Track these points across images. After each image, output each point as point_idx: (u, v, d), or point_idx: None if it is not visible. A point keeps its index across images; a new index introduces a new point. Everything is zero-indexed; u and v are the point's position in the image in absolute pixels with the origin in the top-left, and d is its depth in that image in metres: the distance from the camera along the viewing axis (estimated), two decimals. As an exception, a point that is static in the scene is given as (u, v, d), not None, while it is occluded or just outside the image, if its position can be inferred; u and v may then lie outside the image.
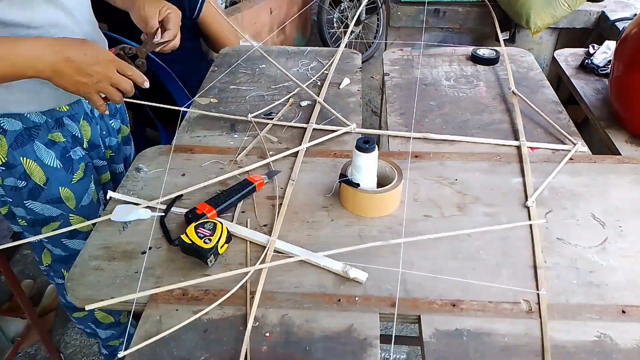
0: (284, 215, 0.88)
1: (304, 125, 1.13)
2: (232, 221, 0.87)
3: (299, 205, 0.91)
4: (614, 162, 1.01)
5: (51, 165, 1.01)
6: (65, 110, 1.02)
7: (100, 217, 0.90)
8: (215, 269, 0.79)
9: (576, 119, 1.17)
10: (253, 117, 1.16)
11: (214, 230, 0.80)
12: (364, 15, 3.52)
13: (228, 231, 0.82)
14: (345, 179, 0.88)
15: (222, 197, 0.89)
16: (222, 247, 0.80)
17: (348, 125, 1.10)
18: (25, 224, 1.08)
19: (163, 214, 0.89)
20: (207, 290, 0.75)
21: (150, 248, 0.83)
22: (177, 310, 0.73)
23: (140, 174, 0.99)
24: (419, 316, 0.71)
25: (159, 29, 0.99)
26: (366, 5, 3.49)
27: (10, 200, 1.03)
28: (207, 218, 0.85)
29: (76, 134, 1.06)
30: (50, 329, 1.80)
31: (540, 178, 0.96)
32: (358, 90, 1.29)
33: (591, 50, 1.41)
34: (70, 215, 1.08)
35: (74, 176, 1.06)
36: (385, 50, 1.53)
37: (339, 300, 0.73)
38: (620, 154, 1.05)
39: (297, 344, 0.68)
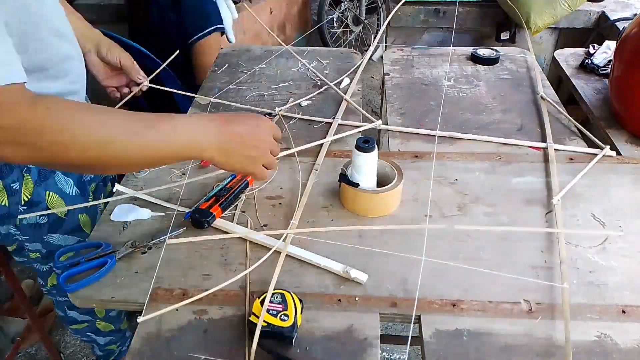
0: (284, 215, 0.88)
1: (330, 120, 1.15)
2: (232, 221, 0.87)
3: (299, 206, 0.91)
4: (614, 162, 1.01)
5: (70, 193, 0.99)
6: None
7: (100, 216, 0.90)
8: (216, 268, 0.79)
9: (576, 119, 1.17)
10: (279, 110, 1.18)
11: (284, 302, 0.69)
12: (364, 15, 3.52)
13: (299, 298, 0.71)
14: (345, 179, 0.88)
15: (221, 194, 0.89)
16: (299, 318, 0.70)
17: (373, 122, 1.11)
18: (38, 256, 1.06)
19: (163, 214, 0.89)
20: (207, 290, 0.75)
21: (150, 248, 0.83)
22: (177, 310, 0.73)
23: (140, 174, 0.99)
24: (419, 316, 0.71)
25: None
26: (366, 5, 3.49)
27: (27, 237, 1.00)
28: (214, 216, 0.85)
29: None
30: (50, 329, 1.80)
31: (540, 178, 0.96)
32: (358, 90, 1.29)
33: (591, 50, 1.41)
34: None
35: (89, 199, 1.03)
36: (385, 50, 1.53)
37: (339, 300, 0.73)
38: (620, 154, 1.05)
39: (297, 344, 0.68)
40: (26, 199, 0.93)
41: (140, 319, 0.68)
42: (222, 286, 0.72)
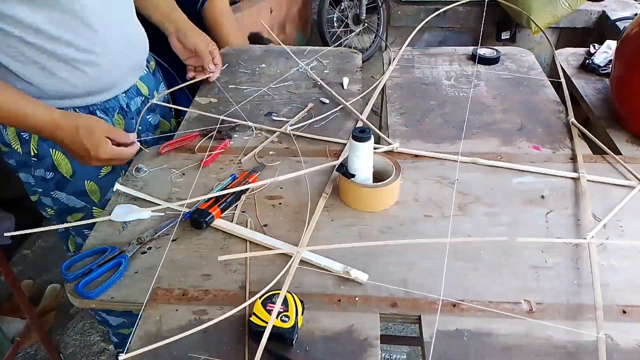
0: (284, 214, 0.88)
1: (343, 142, 1.07)
2: (232, 221, 0.87)
3: (299, 205, 0.91)
4: (614, 162, 1.00)
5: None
6: (98, 103, 1.04)
7: (101, 217, 0.90)
8: (215, 268, 0.79)
9: (577, 119, 1.17)
10: (292, 129, 1.10)
11: (285, 303, 0.68)
12: (364, 15, 3.52)
13: (300, 299, 0.70)
14: (342, 169, 0.88)
15: (221, 195, 0.89)
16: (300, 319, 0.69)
17: (390, 144, 1.04)
18: (52, 212, 1.12)
19: (162, 214, 0.89)
20: (207, 290, 0.75)
21: (150, 248, 0.83)
22: (177, 310, 0.73)
23: (140, 174, 0.99)
24: (419, 316, 0.71)
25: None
26: (366, 5, 3.49)
27: (40, 190, 1.06)
28: (213, 217, 0.85)
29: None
30: (50, 329, 1.80)
31: (540, 178, 0.96)
32: (358, 90, 1.29)
33: (592, 50, 1.41)
34: (93, 208, 1.10)
35: (102, 170, 1.07)
36: (385, 49, 1.53)
37: (339, 300, 0.73)
38: (621, 154, 1.05)
39: (297, 344, 0.67)
40: (34, 152, 1.00)
41: (122, 357, 0.64)
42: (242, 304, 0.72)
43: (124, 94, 1.08)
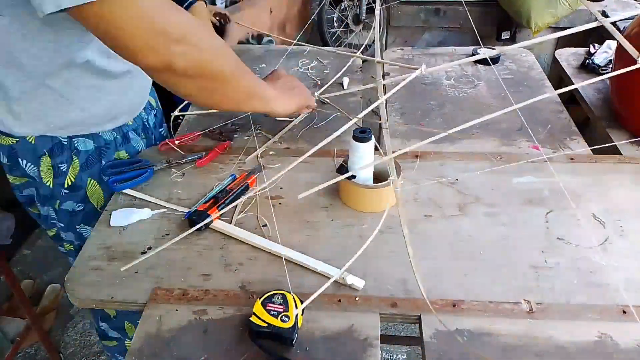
0: (284, 214, 0.88)
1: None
2: (230, 222, 0.87)
3: (299, 205, 0.91)
4: (614, 162, 1.00)
5: None
6: (131, 123, 1.01)
7: (101, 217, 0.90)
8: (215, 268, 0.79)
9: (577, 119, 1.17)
10: (319, 94, 1.16)
11: (285, 302, 0.68)
12: (364, 15, 3.52)
13: (300, 299, 0.69)
14: (343, 170, 0.88)
15: (220, 196, 0.89)
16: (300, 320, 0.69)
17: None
18: (71, 248, 1.06)
19: (165, 209, 0.89)
20: (207, 290, 0.75)
21: (150, 248, 0.83)
22: (177, 310, 0.72)
23: (140, 174, 0.99)
24: (420, 316, 0.71)
25: None
26: (366, 5, 3.49)
27: (62, 225, 1.01)
28: (212, 218, 0.85)
29: (138, 149, 1.04)
30: (50, 329, 1.80)
31: (540, 178, 0.96)
32: (358, 90, 1.29)
33: (592, 50, 1.41)
34: None
35: None
36: (385, 50, 1.52)
37: (339, 300, 0.73)
38: (621, 154, 1.05)
39: (297, 344, 0.67)
40: (70, 182, 0.95)
41: None
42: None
43: (144, 110, 1.05)
